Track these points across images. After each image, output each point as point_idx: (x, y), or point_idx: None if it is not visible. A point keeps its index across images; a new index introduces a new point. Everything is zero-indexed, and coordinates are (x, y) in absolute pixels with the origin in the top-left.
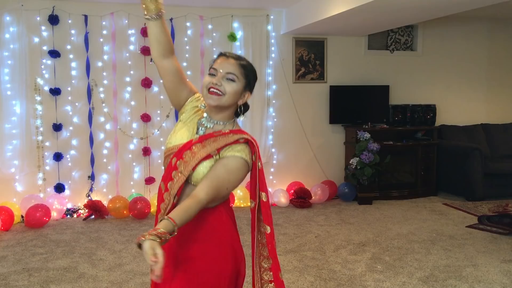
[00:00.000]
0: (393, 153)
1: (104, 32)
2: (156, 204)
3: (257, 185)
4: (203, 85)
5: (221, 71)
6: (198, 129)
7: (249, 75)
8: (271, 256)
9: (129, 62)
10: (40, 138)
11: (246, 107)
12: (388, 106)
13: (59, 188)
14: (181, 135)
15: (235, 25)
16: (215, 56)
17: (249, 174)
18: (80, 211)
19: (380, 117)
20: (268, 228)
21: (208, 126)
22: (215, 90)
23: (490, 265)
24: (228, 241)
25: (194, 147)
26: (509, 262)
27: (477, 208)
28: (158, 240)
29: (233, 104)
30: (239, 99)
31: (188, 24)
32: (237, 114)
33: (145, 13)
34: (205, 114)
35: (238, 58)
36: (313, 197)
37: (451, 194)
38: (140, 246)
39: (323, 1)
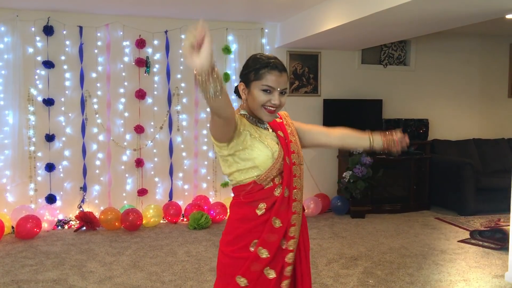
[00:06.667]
0: (386, 167)
1: (99, 43)
2: (265, 209)
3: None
4: (256, 100)
5: (278, 89)
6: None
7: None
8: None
9: (123, 74)
10: (32, 148)
11: None
12: (381, 120)
13: (51, 199)
14: (270, 141)
15: (230, 38)
16: (262, 66)
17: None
18: (71, 222)
19: (373, 131)
20: None
21: (266, 125)
22: (272, 109)
23: (481, 280)
24: None
25: (289, 138)
26: (500, 277)
27: (469, 223)
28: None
29: None
30: None
31: (183, 36)
32: None
33: (214, 93)
34: (257, 122)
35: (285, 68)
36: (306, 210)
37: (443, 209)
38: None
39: (317, 16)
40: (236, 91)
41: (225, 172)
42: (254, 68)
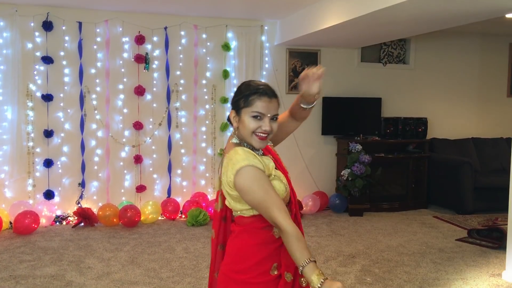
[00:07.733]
0: (384, 165)
1: (98, 39)
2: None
3: None
4: (247, 127)
5: (268, 115)
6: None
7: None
8: None
9: (123, 70)
10: (31, 144)
11: None
12: (380, 118)
13: (49, 195)
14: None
15: (229, 35)
16: (252, 93)
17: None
18: (69, 218)
19: (372, 129)
20: None
21: (261, 152)
22: (263, 135)
23: (479, 279)
24: None
25: (279, 159)
26: (497, 276)
27: (467, 222)
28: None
29: None
30: None
31: (182, 33)
32: None
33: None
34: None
35: (276, 94)
36: (304, 208)
37: (441, 207)
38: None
39: (317, 13)
40: (229, 119)
41: (235, 208)
42: (243, 94)
